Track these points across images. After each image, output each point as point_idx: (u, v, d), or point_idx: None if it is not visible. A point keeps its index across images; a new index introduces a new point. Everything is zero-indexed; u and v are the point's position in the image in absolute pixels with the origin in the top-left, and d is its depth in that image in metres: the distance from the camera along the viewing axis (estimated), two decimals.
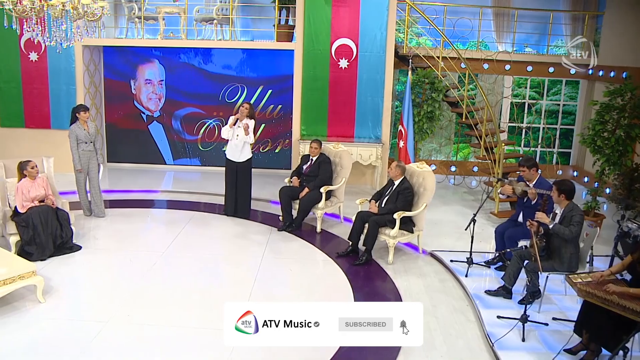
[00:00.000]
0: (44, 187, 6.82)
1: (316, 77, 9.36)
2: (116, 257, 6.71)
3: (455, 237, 7.67)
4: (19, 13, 5.04)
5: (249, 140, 7.87)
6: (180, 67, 10.53)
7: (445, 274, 6.63)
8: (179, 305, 5.57)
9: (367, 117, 9.47)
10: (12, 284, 5.30)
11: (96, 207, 8.01)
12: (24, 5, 5.05)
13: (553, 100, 11.42)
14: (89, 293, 5.80)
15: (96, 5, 5.23)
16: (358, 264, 6.67)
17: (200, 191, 9.38)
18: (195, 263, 6.61)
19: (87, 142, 7.75)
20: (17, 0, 4.98)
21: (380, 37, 9.21)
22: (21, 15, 5.07)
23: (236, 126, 7.80)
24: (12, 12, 5.08)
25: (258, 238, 7.44)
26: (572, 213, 5.52)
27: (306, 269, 6.63)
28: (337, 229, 7.90)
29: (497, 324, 5.34)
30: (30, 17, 5.16)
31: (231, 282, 6.19)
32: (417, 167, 7.23)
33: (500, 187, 7.10)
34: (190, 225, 7.84)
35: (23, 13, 5.11)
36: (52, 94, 9.72)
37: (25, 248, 6.48)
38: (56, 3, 5.13)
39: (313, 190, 7.61)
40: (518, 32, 10.63)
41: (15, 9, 5.00)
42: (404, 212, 6.75)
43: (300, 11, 9.22)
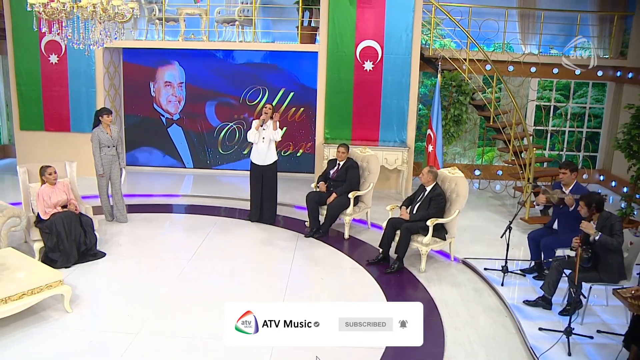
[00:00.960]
0: (65, 192, 6.69)
1: (340, 79, 9.19)
2: (142, 264, 6.56)
3: (486, 244, 7.49)
4: (48, 15, 4.90)
5: (276, 137, 7.70)
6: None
7: (479, 282, 6.43)
8: (214, 315, 5.34)
9: (392, 120, 9.29)
10: (39, 294, 5.15)
11: (118, 212, 7.87)
12: (54, 7, 4.90)
13: (579, 103, 11.18)
14: (117, 302, 5.61)
15: (127, 6, 5.08)
16: (390, 272, 6.50)
17: (222, 195, 9.23)
18: (224, 270, 6.45)
19: (110, 146, 7.62)
20: (47, 2, 4.83)
21: (405, 38, 9.03)
22: (50, 17, 4.92)
23: (262, 128, 7.66)
24: (42, 14, 4.94)
25: (285, 245, 7.27)
26: (611, 222, 5.32)
27: (337, 277, 6.45)
28: (365, 235, 7.73)
29: (539, 337, 5.14)
30: (58, 19, 5.01)
31: (263, 290, 6.00)
32: (448, 172, 7.04)
33: (528, 190, 6.90)
34: (214, 230, 7.68)
35: (52, 15, 4.96)
36: (72, 97, 9.60)
37: (49, 255, 6.35)
38: (86, 4, 4.98)
39: (341, 195, 7.43)
40: (543, 34, 10.41)
41: (45, 11, 4.85)
42: (436, 218, 6.57)
43: (324, 12, 9.05)
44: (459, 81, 9.07)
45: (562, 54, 10.36)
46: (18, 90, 9.60)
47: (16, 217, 6.27)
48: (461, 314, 5.63)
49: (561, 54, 10.54)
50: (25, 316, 5.13)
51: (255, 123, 7.76)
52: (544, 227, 6.63)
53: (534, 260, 6.49)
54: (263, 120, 7.68)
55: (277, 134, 7.71)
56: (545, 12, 10.33)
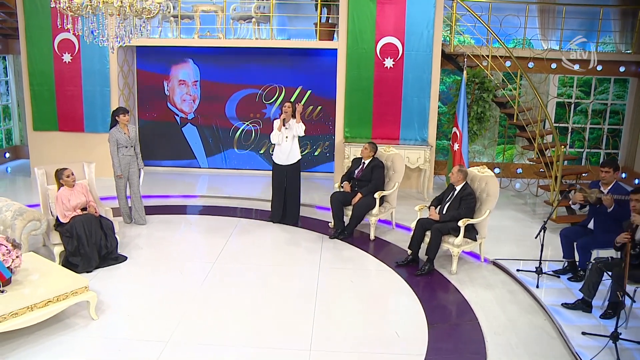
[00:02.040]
0: (84, 194, 6.50)
1: (360, 77, 9.00)
2: (165, 268, 6.36)
3: (514, 244, 7.32)
4: (73, 11, 4.71)
5: (299, 132, 7.50)
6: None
7: (512, 284, 6.24)
8: (246, 321, 5.19)
9: (413, 118, 9.10)
10: (65, 301, 4.95)
11: (137, 214, 7.69)
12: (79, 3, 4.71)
13: (600, 100, 10.98)
14: (143, 308, 5.41)
15: (153, 2, 4.89)
16: (420, 274, 6.31)
17: (240, 196, 9.06)
18: (250, 274, 6.26)
19: (128, 146, 7.44)
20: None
21: (427, 35, 8.84)
22: (75, 14, 4.73)
23: (284, 128, 7.47)
24: (67, 10, 4.75)
25: (310, 246, 7.08)
26: None
27: (366, 279, 6.27)
28: (390, 236, 7.55)
29: (583, 342, 4.94)
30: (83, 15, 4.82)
31: (293, 294, 5.81)
32: (478, 171, 6.86)
33: (556, 188, 6.71)
34: (236, 232, 7.50)
35: (77, 11, 4.77)
36: (86, 97, 9.42)
37: (69, 259, 6.17)
38: (112, 0, 4.79)
39: (366, 195, 7.25)
40: (564, 29, 10.20)
41: (70, 6, 4.66)
42: (468, 219, 6.38)
43: (343, 9, 8.87)
44: (481, 78, 8.87)
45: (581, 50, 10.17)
46: (31, 90, 9.42)
47: (36, 221, 6.10)
48: (499, 318, 5.45)
49: (581, 50, 10.35)
50: (49, 324, 4.94)
51: (276, 123, 7.57)
52: (579, 225, 6.44)
53: (567, 259, 6.31)
54: (284, 120, 7.49)
55: (300, 128, 7.52)
56: (566, 7, 10.15)
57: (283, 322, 5.20)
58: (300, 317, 5.27)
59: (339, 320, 5.28)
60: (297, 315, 5.33)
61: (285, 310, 5.44)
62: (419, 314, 5.47)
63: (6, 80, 11.03)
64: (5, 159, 11.01)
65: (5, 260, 4.78)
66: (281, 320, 5.22)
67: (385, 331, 5.11)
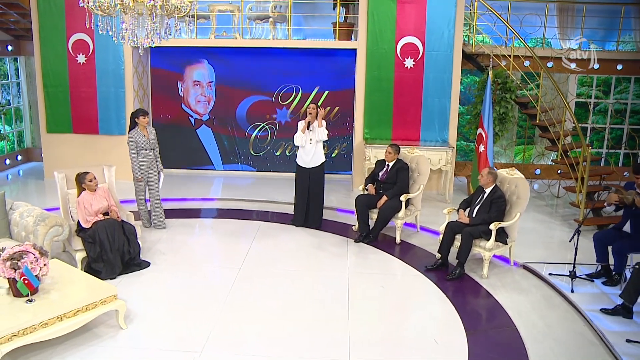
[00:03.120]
0: (106, 198, 6.35)
1: (380, 77, 8.86)
2: (191, 274, 6.20)
3: (541, 247, 7.21)
4: (103, 10, 4.56)
5: (322, 137, 7.37)
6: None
7: (546, 289, 6.10)
8: (280, 330, 5.04)
9: (434, 119, 8.96)
10: (94, 310, 4.80)
11: (156, 218, 7.54)
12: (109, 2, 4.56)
13: (619, 99, 10.83)
14: (172, 317, 5.25)
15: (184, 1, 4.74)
16: (451, 278, 6.17)
17: (259, 199, 8.91)
18: (279, 279, 6.11)
19: (147, 149, 7.28)
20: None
21: (447, 34, 8.70)
22: (105, 13, 4.58)
23: (309, 130, 7.33)
24: (97, 9, 4.60)
25: (336, 250, 6.94)
26: None
27: (397, 285, 6.13)
28: (415, 239, 7.41)
29: (628, 349, 4.81)
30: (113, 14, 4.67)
31: (325, 301, 5.66)
32: (507, 173, 6.72)
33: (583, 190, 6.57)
34: (259, 236, 7.35)
35: (107, 10, 4.62)
36: (100, 98, 9.26)
37: (92, 266, 6.02)
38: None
39: (392, 198, 7.11)
40: (582, 28, 10.06)
41: (99, 5, 4.51)
42: (499, 222, 6.25)
43: (363, 8, 8.72)
44: (503, 78, 8.73)
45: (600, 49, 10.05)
46: (45, 92, 9.26)
47: (58, 226, 5.93)
48: (536, 324, 5.31)
49: (600, 49, 10.24)
50: (78, 333, 4.78)
51: (300, 125, 7.43)
52: (613, 228, 6.30)
53: (600, 264, 6.17)
54: (309, 122, 7.35)
55: (322, 133, 7.38)
56: (586, 5, 10.01)
57: (319, 329, 5.06)
58: (335, 325, 5.13)
59: (375, 327, 5.14)
60: (332, 322, 5.19)
61: (319, 317, 5.29)
62: (455, 320, 5.33)
63: (17, 82, 10.85)
64: (17, 161, 10.84)
65: (33, 269, 4.63)
66: (317, 328, 5.07)
67: (423, 338, 4.97)
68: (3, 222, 6.08)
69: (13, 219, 6.12)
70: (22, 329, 4.33)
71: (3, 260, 4.62)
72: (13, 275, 4.56)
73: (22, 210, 6.16)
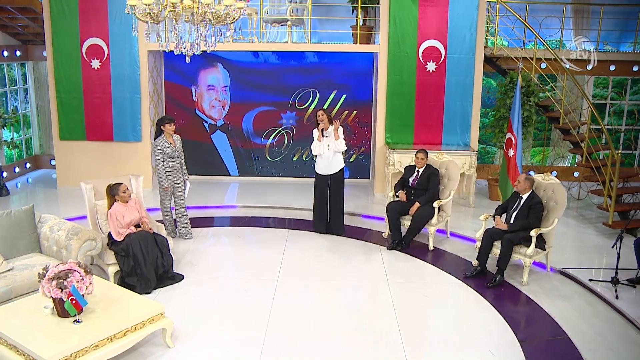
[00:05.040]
0: (137, 209, 6.17)
1: (402, 81, 8.75)
2: (227, 287, 6.04)
3: (575, 252, 7.17)
4: (153, 17, 4.38)
5: (340, 148, 7.25)
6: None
7: (588, 295, 6.04)
8: (333, 344, 4.90)
9: (456, 122, 8.89)
10: (142, 329, 4.61)
11: (182, 227, 7.36)
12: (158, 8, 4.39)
13: (633, 100, 10.87)
14: (219, 333, 5.07)
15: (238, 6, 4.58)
16: (492, 285, 6.10)
17: (278, 205, 8.76)
18: (320, 290, 5.98)
19: (174, 157, 7.10)
20: (152, 2, 4.31)
21: (469, 38, 8.63)
22: (156, 21, 4.41)
23: (324, 137, 7.22)
24: (146, 17, 4.42)
25: (370, 259, 6.83)
26: None
27: (439, 293, 6.03)
28: (447, 245, 7.33)
29: None
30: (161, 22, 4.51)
31: (372, 310, 5.55)
32: (542, 179, 6.66)
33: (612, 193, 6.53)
34: (289, 245, 7.20)
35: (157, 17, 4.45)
36: (115, 104, 9.01)
37: (126, 280, 5.84)
38: (189, 5, 4.48)
39: (424, 205, 7.02)
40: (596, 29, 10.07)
41: (150, 12, 4.34)
42: (539, 228, 6.19)
43: (384, 11, 8.61)
44: (526, 81, 8.67)
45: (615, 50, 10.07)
46: (57, 98, 8.99)
47: (92, 240, 5.73)
48: (586, 332, 5.25)
49: (615, 50, 10.26)
50: (125, 355, 4.61)
51: (315, 134, 7.31)
52: None
53: None
54: (323, 129, 7.23)
55: (340, 144, 7.26)
56: (596, 7, 10.02)
57: (374, 341, 4.95)
58: (388, 338, 5.01)
59: (429, 340, 5.05)
60: (384, 333, 5.08)
61: (370, 327, 5.19)
62: (505, 329, 5.26)
63: (25, 88, 10.56)
64: (25, 169, 10.54)
65: (79, 288, 4.44)
66: (371, 340, 4.96)
67: (478, 349, 4.89)
68: (33, 236, 5.86)
69: (43, 233, 5.91)
70: (74, 352, 4.15)
71: (48, 279, 4.44)
72: (60, 296, 4.37)
73: (52, 224, 5.95)
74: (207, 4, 4.29)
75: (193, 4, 4.37)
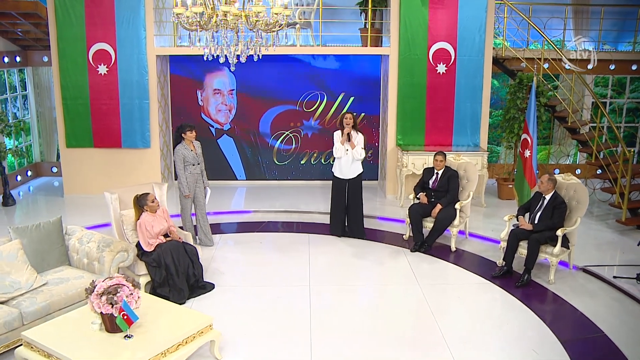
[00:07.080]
0: (165, 219, 6.09)
1: (413, 83, 8.81)
2: (261, 294, 6.00)
3: (593, 249, 7.33)
4: (201, 26, 4.33)
5: (358, 156, 7.28)
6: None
7: (614, 292, 6.18)
8: (382, 346, 4.93)
9: (466, 124, 8.99)
10: (192, 343, 4.54)
11: (203, 235, 7.29)
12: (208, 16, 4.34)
13: (632, 98, 11.14)
14: (264, 343, 5.02)
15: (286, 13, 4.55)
16: (520, 285, 6.20)
17: (294, 209, 8.73)
18: (354, 294, 6.02)
19: (195, 163, 7.03)
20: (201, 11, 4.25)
21: (479, 40, 8.73)
22: (203, 29, 4.36)
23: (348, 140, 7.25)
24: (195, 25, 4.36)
25: (396, 261, 6.87)
26: None
27: (470, 294, 6.10)
28: (468, 245, 7.43)
29: None
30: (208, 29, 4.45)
31: (411, 314, 5.62)
32: (563, 179, 6.79)
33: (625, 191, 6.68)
34: (313, 250, 7.20)
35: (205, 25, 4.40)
36: (123, 110, 8.84)
37: (158, 291, 5.76)
38: (237, 13, 4.44)
39: (446, 206, 7.09)
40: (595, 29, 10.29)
41: (199, 21, 4.28)
42: (564, 228, 6.32)
43: (395, 14, 8.64)
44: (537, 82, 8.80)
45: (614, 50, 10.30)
46: (64, 105, 8.77)
47: (124, 252, 5.64)
48: (621, 329, 5.37)
49: (614, 50, 10.50)
50: None
51: (337, 136, 7.32)
52: None
53: None
54: (348, 134, 7.24)
55: (358, 152, 7.28)
56: (595, 7, 10.24)
57: (420, 346, 4.98)
58: (432, 340, 5.07)
59: (475, 343, 5.07)
60: (427, 337, 5.14)
61: (413, 334, 5.23)
62: (543, 329, 5.34)
63: (24, 94, 10.28)
64: (27, 177, 10.28)
65: (129, 302, 4.37)
66: (416, 347, 4.98)
67: (522, 350, 4.96)
68: (62, 249, 5.74)
69: (71, 245, 5.79)
70: None
71: (97, 295, 4.35)
72: (111, 311, 4.30)
73: (80, 235, 5.83)
74: (259, 12, 4.25)
75: (241, 13, 4.32)
